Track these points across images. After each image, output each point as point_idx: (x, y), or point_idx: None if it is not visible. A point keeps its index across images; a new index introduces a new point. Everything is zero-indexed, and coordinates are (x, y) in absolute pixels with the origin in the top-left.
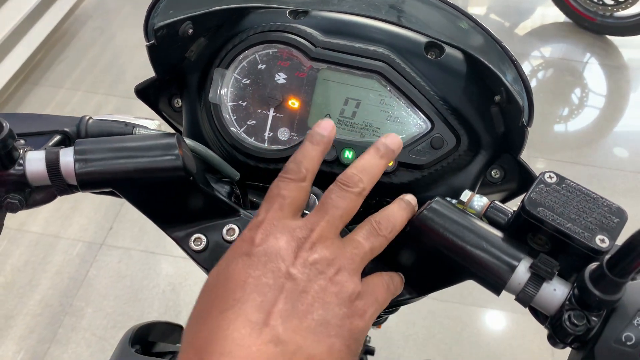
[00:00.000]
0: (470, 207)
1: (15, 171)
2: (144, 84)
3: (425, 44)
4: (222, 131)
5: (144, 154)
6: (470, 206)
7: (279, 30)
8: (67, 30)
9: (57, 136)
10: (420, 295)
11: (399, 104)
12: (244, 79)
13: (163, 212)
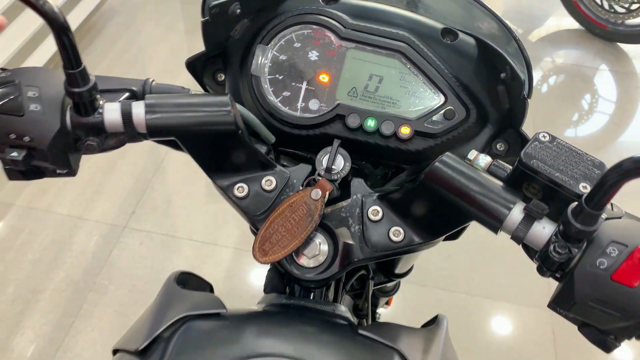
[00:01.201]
0: (475, 164)
1: (95, 118)
2: (193, 57)
3: (442, 30)
4: (260, 100)
5: (202, 109)
6: (476, 163)
7: (313, 13)
8: (94, 25)
9: (126, 93)
10: (431, 239)
11: (416, 80)
12: (281, 55)
13: (213, 161)
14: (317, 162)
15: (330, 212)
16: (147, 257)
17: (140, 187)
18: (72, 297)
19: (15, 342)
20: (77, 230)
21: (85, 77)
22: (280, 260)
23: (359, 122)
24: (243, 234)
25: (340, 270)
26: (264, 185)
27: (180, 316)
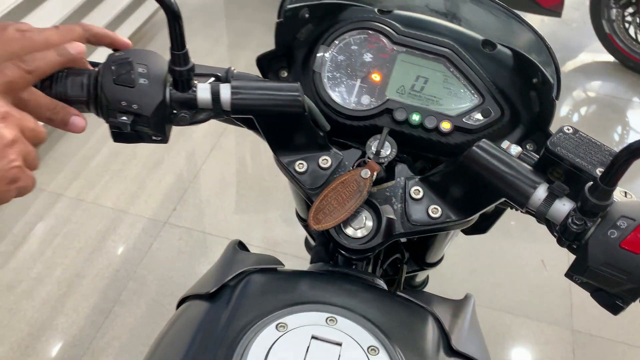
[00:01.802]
0: (508, 151)
1: (189, 95)
2: (263, 55)
3: (482, 41)
4: (319, 93)
5: (277, 92)
6: (508, 151)
7: (370, 20)
8: (145, 33)
9: (212, 78)
10: (465, 217)
11: (458, 82)
12: (340, 56)
13: (280, 140)
14: (367, 146)
15: (376, 191)
16: (185, 252)
17: (182, 186)
18: (112, 284)
19: (58, 322)
20: (121, 223)
21: (186, 59)
22: (330, 229)
23: (405, 116)
24: (271, 238)
25: (383, 242)
26: (320, 163)
27: (245, 269)
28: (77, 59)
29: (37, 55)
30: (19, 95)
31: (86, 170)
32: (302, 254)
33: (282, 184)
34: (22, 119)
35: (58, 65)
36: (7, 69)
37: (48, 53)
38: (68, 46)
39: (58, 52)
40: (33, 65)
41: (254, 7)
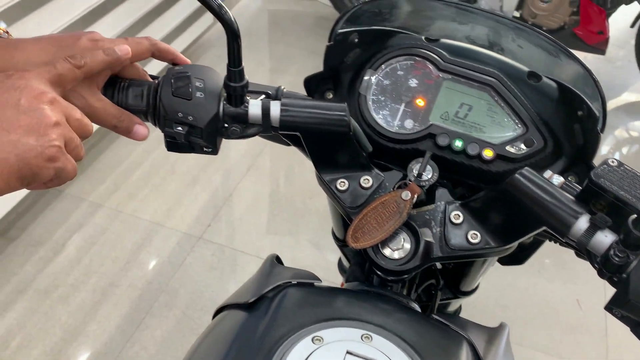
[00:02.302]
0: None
1: (241, 110)
2: (311, 76)
3: (528, 73)
4: (364, 115)
5: (324, 112)
6: (550, 181)
7: (418, 47)
8: (191, 54)
9: (263, 95)
10: (504, 244)
11: (502, 112)
12: (386, 80)
13: (323, 157)
14: (408, 169)
15: (415, 214)
16: (217, 268)
17: (217, 203)
18: (145, 295)
19: (90, 329)
20: (156, 236)
21: (241, 75)
22: (368, 248)
23: (448, 142)
24: (300, 261)
25: (420, 264)
26: (362, 182)
27: (283, 282)
28: (122, 60)
29: (86, 53)
30: (67, 87)
31: (127, 182)
32: (330, 278)
33: (314, 208)
34: (69, 107)
35: (105, 64)
36: (58, 63)
37: (96, 52)
38: (115, 47)
39: (106, 52)
40: (82, 61)
41: (297, 34)
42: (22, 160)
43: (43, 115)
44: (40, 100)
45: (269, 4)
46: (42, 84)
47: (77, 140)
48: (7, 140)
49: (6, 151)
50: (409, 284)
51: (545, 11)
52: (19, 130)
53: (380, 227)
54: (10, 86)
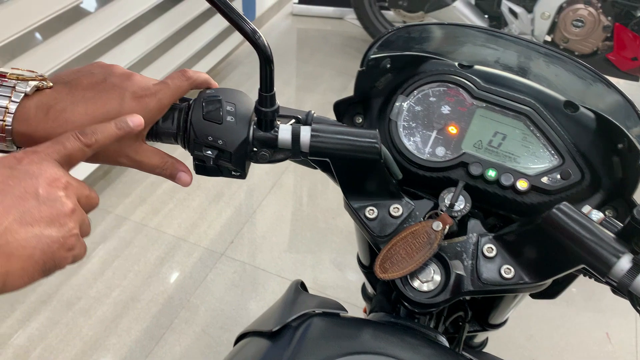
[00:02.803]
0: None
1: (271, 135)
2: (341, 100)
3: (564, 102)
4: (394, 141)
5: (355, 138)
6: (589, 217)
7: (452, 74)
8: (220, 71)
9: (293, 119)
10: (539, 280)
11: (537, 142)
12: (417, 106)
13: (353, 184)
14: (440, 198)
15: (446, 245)
16: (239, 286)
17: (240, 220)
18: (165, 310)
19: (110, 342)
20: (179, 251)
21: (273, 100)
22: (396, 279)
23: (481, 171)
24: (322, 281)
25: (450, 298)
26: (391, 211)
27: (308, 311)
28: (134, 132)
29: (97, 128)
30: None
31: (152, 196)
32: (351, 300)
33: (336, 228)
34: (79, 187)
35: (116, 138)
36: (67, 141)
37: (108, 126)
38: (128, 119)
39: (117, 125)
40: (92, 139)
41: (325, 53)
42: (46, 254)
43: (61, 204)
44: (56, 187)
45: (298, 22)
46: (54, 166)
47: (87, 219)
48: (31, 235)
49: (31, 246)
50: (437, 316)
51: (577, 36)
52: (41, 223)
53: (410, 258)
54: (25, 173)
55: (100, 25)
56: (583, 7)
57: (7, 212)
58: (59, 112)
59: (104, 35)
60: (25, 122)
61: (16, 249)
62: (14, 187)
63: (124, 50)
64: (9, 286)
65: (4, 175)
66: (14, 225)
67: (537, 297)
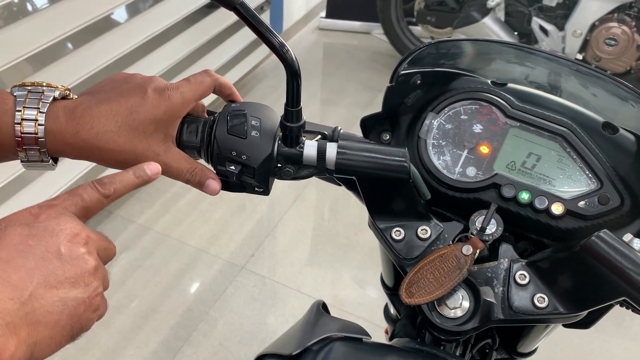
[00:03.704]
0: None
1: (296, 151)
2: (368, 116)
3: (603, 124)
4: (423, 160)
5: (383, 156)
6: (630, 245)
7: (485, 92)
8: (246, 83)
9: (319, 135)
10: (575, 311)
11: (574, 164)
12: (448, 124)
13: (379, 203)
14: (470, 221)
15: (476, 270)
16: (258, 300)
17: (262, 233)
18: (184, 322)
19: (128, 353)
20: (200, 262)
21: (299, 116)
22: (422, 304)
23: (514, 193)
24: (342, 298)
25: (479, 326)
26: (419, 233)
27: (329, 335)
28: (152, 180)
29: (115, 177)
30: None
31: (175, 207)
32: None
33: (358, 245)
34: (98, 240)
35: (135, 187)
36: (85, 192)
37: (126, 175)
38: (146, 167)
39: (135, 174)
40: (111, 189)
41: (351, 67)
42: (72, 318)
43: (84, 262)
44: (77, 244)
45: (324, 37)
46: (72, 220)
47: (107, 273)
48: (57, 298)
49: (58, 312)
50: (464, 343)
51: (610, 55)
52: (66, 284)
53: (438, 283)
54: (44, 231)
55: (129, 36)
56: (617, 25)
57: (31, 275)
58: (85, 110)
59: (133, 46)
60: (55, 120)
61: (43, 316)
62: (34, 248)
63: (151, 62)
64: (36, 356)
65: (22, 235)
66: (39, 289)
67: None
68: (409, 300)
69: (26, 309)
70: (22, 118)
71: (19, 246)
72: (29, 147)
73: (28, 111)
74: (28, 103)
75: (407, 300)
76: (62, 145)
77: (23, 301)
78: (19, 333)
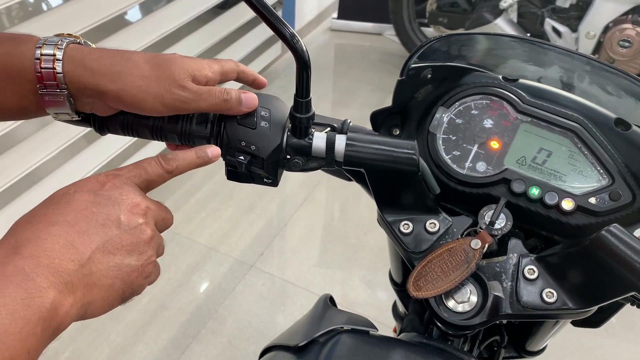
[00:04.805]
0: None
1: (305, 142)
2: (378, 110)
3: (615, 120)
4: (432, 155)
5: (392, 148)
6: None
7: (496, 86)
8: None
9: (329, 128)
10: (584, 306)
11: (585, 160)
12: (458, 119)
13: (387, 197)
14: (479, 216)
15: (485, 265)
16: (267, 299)
17: (271, 232)
18: (193, 319)
19: (137, 349)
20: (210, 260)
21: (308, 107)
22: (430, 298)
23: (524, 189)
24: (351, 298)
25: (487, 320)
26: (427, 226)
27: (336, 327)
28: (211, 162)
29: (179, 155)
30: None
31: (186, 205)
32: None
33: (368, 245)
34: (157, 210)
35: (195, 166)
36: (149, 165)
37: (188, 153)
38: (207, 149)
39: (197, 154)
40: (174, 165)
41: (362, 68)
42: (125, 282)
43: (141, 232)
44: (137, 214)
45: (336, 38)
46: (134, 191)
47: (162, 242)
48: (113, 264)
49: (112, 276)
50: (472, 339)
51: (624, 56)
52: (122, 251)
53: (446, 277)
54: (107, 199)
55: (141, 34)
56: (631, 26)
57: (92, 240)
58: (107, 49)
59: (145, 44)
60: (76, 49)
61: (98, 279)
62: (97, 214)
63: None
64: (89, 314)
65: (87, 202)
66: (97, 254)
67: (580, 325)
68: (416, 294)
69: (84, 271)
70: (44, 43)
71: (84, 212)
72: (49, 83)
73: (48, 45)
74: (49, 40)
75: (415, 293)
76: (82, 71)
77: (82, 264)
78: (76, 292)
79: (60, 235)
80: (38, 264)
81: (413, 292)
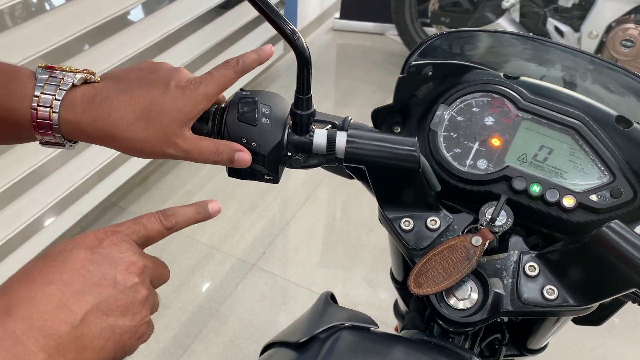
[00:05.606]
0: None
1: (306, 139)
2: (379, 108)
3: (616, 117)
4: (433, 152)
5: (393, 145)
6: None
7: (497, 84)
8: (259, 83)
9: (330, 125)
10: (585, 303)
11: (586, 157)
12: (459, 116)
13: (388, 194)
14: (480, 212)
15: (485, 262)
16: (268, 298)
17: (273, 231)
18: (195, 318)
19: (139, 349)
20: (212, 259)
21: (309, 103)
22: (431, 295)
23: (525, 186)
24: (352, 297)
25: (488, 317)
26: (428, 223)
27: (337, 323)
28: (211, 217)
29: (178, 211)
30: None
31: None
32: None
33: (369, 244)
34: (153, 268)
35: (195, 222)
36: (148, 222)
37: (188, 209)
38: (208, 205)
39: (197, 210)
40: (173, 221)
41: (365, 69)
42: (118, 344)
43: (136, 291)
44: (133, 273)
45: (338, 38)
46: (132, 248)
47: (157, 299)
48: (106, 325)
49: (105, 337)
50: (472, 337)
51: (627, 56)
52: (116, 312)
53: (446, 274)
54: (104, 258)
55: (144, 34)
56: (633, 26)
57: (86, 301)
58: (104, 100)
59: (148, 44)
60: (71, 109)
61: (90, 341)
62: (93, 273)
63: (166, 59)
64: None
65: (84, 259)
66: (90, 315)
67: (581, 323)
68: (417, 291)
69: (76, 333)
70: (38, 104)
71: (80, 270)
72: (45, 132)
73: (45, 97)
74: (46, 89)
75: (416, 290)
76: (78, 132)
77: (75, 325)
78: (66, 355)
79: (54, 295)
80: (30, 326)
81: (414, 289)
